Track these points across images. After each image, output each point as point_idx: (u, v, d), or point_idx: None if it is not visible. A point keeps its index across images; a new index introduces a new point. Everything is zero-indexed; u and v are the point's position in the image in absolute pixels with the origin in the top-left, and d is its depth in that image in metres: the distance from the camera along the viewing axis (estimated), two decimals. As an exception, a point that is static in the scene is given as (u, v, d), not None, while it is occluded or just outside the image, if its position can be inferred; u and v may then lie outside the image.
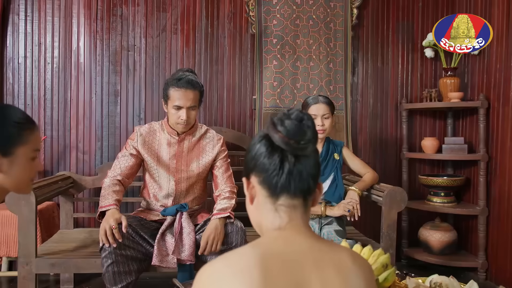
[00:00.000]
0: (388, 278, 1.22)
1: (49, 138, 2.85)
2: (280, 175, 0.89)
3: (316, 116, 2.37)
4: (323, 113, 2.37)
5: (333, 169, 2.45)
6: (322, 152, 2.46)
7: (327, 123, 2.39)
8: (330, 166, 2.46)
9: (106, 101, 2.93)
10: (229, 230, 2.08)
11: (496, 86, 2.86)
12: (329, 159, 2.46)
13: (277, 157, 0.89)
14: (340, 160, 2.50)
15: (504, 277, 2.77)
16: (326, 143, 2.50)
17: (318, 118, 2.37)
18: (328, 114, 2.38)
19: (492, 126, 2.89)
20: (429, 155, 3.06)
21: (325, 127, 2.39)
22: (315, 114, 2.37)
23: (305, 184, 0.90)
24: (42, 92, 2.86)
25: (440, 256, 2.96)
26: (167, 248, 2.03)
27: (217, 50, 3.03)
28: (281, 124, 0.89)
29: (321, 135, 2.40)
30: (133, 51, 2.95)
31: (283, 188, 0.89)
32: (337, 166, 2.47)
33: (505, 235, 2.76)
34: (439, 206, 2.98)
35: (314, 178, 0.91)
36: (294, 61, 3.05)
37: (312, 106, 2.39)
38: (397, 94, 3.26)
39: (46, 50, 2.86)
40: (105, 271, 1.91)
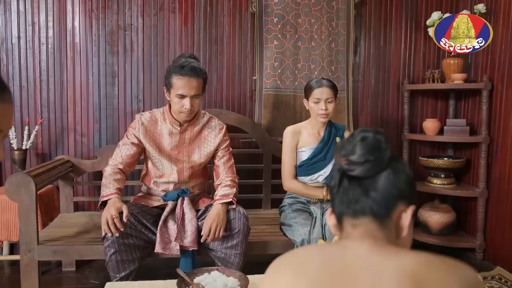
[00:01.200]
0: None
1: (46, 121, 2.80)
2: (335, 193, 0.89)
3: (319, 100, 2.33)
4: (327, 97, 2.33)
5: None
6: (325, 136, 2.44)
7: (330, 108, 2.35)
8: (332, 150, 2.43)
9: (104, 82, 2.86)
10: (231, 216, 2.08)
11: (500, 67, 2.82)
12: (331, 143, 2.44)
13: (337, 175, 0.89)
14: None
15: (501, 258, 2.81)
16: (329, 127, 2.47)
17: (322, 102, 2.33)
18: (331, 98, 2.34)
19: (495, 108, 2.86)
20: (430, 137, 3.04)
21: (328, 112, 2.35)
22: (318, 98, 2.33)
23: (367, 204, 0.85)
24: (37, 73, 2.79)
25: (439, 237, 2.99)
26: (170, 235, 2.02)
27: (216, 30, 2.95)
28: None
29: (323, 119, 2.37)
30: (130, 31, 2.87)
31: (337, 207, 0.89)
32: None
33: (504, 217, 2.78)
34: (439, 188, 2.99)
35: (388, 198, 0.85)
36: (295, 41, 2.98)
37: (315, 90, 2.34)
38: (399, 74, 3.21)
39: (40, 30, 2.77)
40: (108, 260, 1.91)
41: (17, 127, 2.74)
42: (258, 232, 2.36)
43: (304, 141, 2.43)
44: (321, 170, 2.41)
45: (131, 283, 1.69)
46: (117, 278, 1.93)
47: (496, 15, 2.86)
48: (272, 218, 2.65)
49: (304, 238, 2.11)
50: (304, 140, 2.43)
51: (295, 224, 2.21)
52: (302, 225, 2.17)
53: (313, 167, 2.40)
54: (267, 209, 2.86)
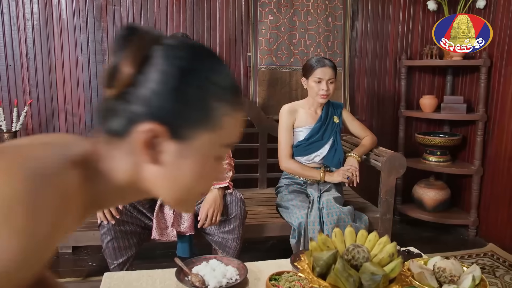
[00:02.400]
0: (395, 269, 1.22)
1: (35, 101, 2.72)
2: None
3: (321, 80, 2.28)
4: (329, 77, 2.28)
5: (332, 133, 2.40)
6: (321, 115, 2.40)
7: (331, 88, 2.31)
8: (330, 130, 2.40)
9: (93, 60, 2.77)
10: (228, 201, 2.06)
11: (500, 44, 2.76)
12: (329, 123, 2.41)
13: None
14: (339, 123, 2.44)
15: (493, 235, 2.85)
16: (326, 105, 2.42)
17: (323, 82, 2.28)
18: (333, 79, 2.30)
19: (493, 85, 2.83)
20: (427, 114, 3.01)
21: (329, 92, 2.31)
22: (320, 78, 2.28)
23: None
24: (24, 51, 2.68)
25: (433, 213, 3.02)
26: (166, 221, 2.01)
27: (209, 4, 2.83)
28: None
29: (323, 99, 2.33)
30: (119, 6, 2.74)
31: None
32: (336, 130, 2.42)
33: (498, 194, 2.80)
34: (434, 165, 2.99)
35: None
36: (291, 15, 2.88)
37: (317, 70, 2.28)
38: (396, 49, 3.14)
39: (24, 5, 2.64)
40: (105, 247, 1.90)
41: (6, 108, 2.66)
42: (254, 214, 2.36)
43: (301, 121, 2.40)
44: (318, 151, 2.38)
45: (129, 273, 1.68)
46: (114, 264, 1.92)
47: (497, -12, 2.78)
48: (268, 198, 2.65)
49: (301, 221, 2.11)
50: (301, 119, 2.40)
51: (292, 207, 2.21)
52: (299, 208, 2.17)
53: (310, 147, 2.37)
54: (263, 188, 2.85)
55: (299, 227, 2.12)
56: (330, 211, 2.12)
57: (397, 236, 2.64)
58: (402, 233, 3.05)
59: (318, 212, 2.13)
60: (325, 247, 1.38)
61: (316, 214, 2.12)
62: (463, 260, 2.62)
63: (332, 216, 2.10)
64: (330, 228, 2.08)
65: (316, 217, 2.11)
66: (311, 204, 2.17)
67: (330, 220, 2.10)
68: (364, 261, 1.28)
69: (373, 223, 2.34)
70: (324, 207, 2.13)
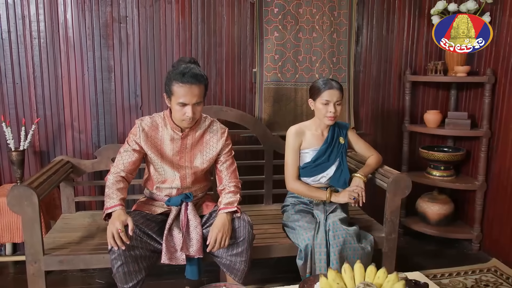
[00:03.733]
0: (404, 309, 1.25)
1: (42, 118, 2.74)
2: None
3: (328, 102, 2.29)
4: (336, 99, 2.29)
5: (338, 154, 2.42)
6: (328, 137, 2.41)
7: (339, 110, 2.32)
8: (336, 152, 2.42)
9: (100, 77, 2.78)
10: (236, 225, 2.09)
11: (505, 60, 2.78)
12: (335, 144, 2.42)
13: None
14: (345, 144, 2.46)
15: (496, 250, 2.88)
16: (332, 127, 2.44)
17: (331, 104, 2.29)
18: (340, 101, 2.31)
19: (497, 101, 2.85)
20: (431, 130, 3.03)
21: (337, 114, 2.32)
22: (328, 100, 2.28)
23: None
24: (30, 69, 2.70)
25: (436, 227, 3.05)
26: (175, 244, 2.03)
27: (215, 20, 2.84)
28: None
29: (331, 121, 2.34)
30: (125, 23, 2.76)
31: None
32: (342, 151, 2.43)
33: (501, 210, 2.83)
34: (438, 180, 3.02)
35: None
36: (296, 32, 2.89)
37: (325, 92, 2.29)
38: (401, 63, 3.16)
39: (31, 23, 2.65)
40: (115, 271, 1.92)
41: (13, 126, 2.68)
42: (261, 233, 2.38)
43: (308, 143, 2.41)
44: (324, 172, 2.40)
45: (141, 302, 1.71)
46: (124, 288, 1.95)
47: (502, 5, 2.79)
48: (274, 215, 2.67)
49: (308, 244, 2.14)
50: (308, 141, 2.41)
51: (299, 228, 2.23)
52: (306, 229, 2.19)
53: (316, 169, 2.40)
54: (268, 204, 2.87)
55: (306, 249, 2.14)
56: (336, 233, 2.14)
57: (401, 249, 2.67)
58: (406, 247, 3.08)
59: (325, 234, 2.15)
60: (335, 284, 1.41)
61: (323, 236, 2.14)
62: (466, 277, 2.66)
63: (339, 238, 2.13)
64: (337, 250, 2.10)
65: (323, 239, 2.13)
66: (318, 226, 2.20)
67: (337, 242, 2.12)
68: (374, 300, 1.30)
69: (378, 243, 2.36)
70: (330, 229, 2.16)
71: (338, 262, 2.09)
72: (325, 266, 2.11)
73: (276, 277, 2.58)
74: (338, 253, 2.11)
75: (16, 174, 2.59)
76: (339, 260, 2.10)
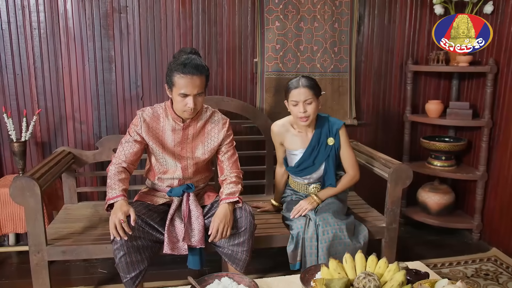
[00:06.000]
0: (405, 298, 1.26)
1: (43, 110, 2.74)
2: None
3: (297, 103, 2.16)
4: (305, 98, 2.15)
5: (325, 157, 2.28)
6: (312, 140, 2.28)
7: (310, 109, 2.16)
8: (322, 154, 2.29)
9: (100, 68, 2.77)
10: (238, 216, 2.10)
11: (507, 50, 2.76)
12: (321, 147, 2.28)
13: None
14: (335, 145, 2.28)
15: (496, 239, 2.89)
16: (318, 128, 2.28)
17: (300, 104, 2.15)
18: (311, 99, 2.15)
19: (499, 91, 2.84)
20: (432, 120, 3.03)
21: (308, 114, 2.16)
22: (296, 101, 2.16)
23: None
24: (31, 60, 2.69)
25: (437, 217, 3.06)
26: (177, 234, 2.04)
27: (216, 10, 2.83)
28: None
29: (304, 123, 2.20)
30: (125, 13, 2.74)
31: None
32: (330, 154, 2.28)
33: (502, 200, 2.83)
34: (439, 170, 3.02)
35: None
36: (298, 21, 2.88)
37: (292, 91, 2.17)
38: (403, 53, 3.14)
39: (31, 14, 2.64)
40: (118, 261, 1.94)
41: (14, 117, 2.68)
42: (262, 223, 2.39)
43: (293, 143, 2.33)
44: (310, 174, 2.35)
45: (144, 291, 1.73)
46: (127, 278, 1.96)
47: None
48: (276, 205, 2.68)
49: (299, 231, 2.15)
50: (292, 142, 2.33)
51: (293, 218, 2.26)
52: (298, 218, 2.22)
53: (302, 172, 2.35)
54: (269, 194, 2.88)
55: (297, 236, 2.15)
56: (326, 228, 2.11)
57: (401, 239, 2.68)
58: (406, 237, 3.09)
59: (315, 228, 2.14)
60: (336, 273, 1.42)
61: (313, 230, 2.13)
62: (466, 266, 2.67)
63: (328, 234, 2.11)
64: (325, 246, 2.10)
65: (313, 233, 2.13)
66: (308, 221, 2.19)
67: (325, 238, 2.10)
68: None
69: (379, 232, 2.37)
70: (320, 225, 2.13)
71: (326, 258, 2.06)
72: (316, 260, 2.12)
73: (277, 267, 2.60)
74: (327, 249, 2.10)
75: (18, 165, 2.59)
76: (327, 256, 2.07)
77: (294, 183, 2.45)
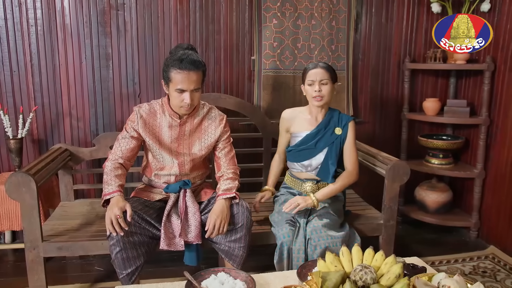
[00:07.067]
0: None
1: (40, 106, 2.73)
2: None
3: (313, 82, 2.20)
4: (321, 78, 2.19)
5: (328, 143, 2.26)
6: (321, 123, 2.29)
7: (324, 90, 2.19)
8: (326, 140, 2.26)
9: (97, 65, 2.77)
10: (234, 211, 2.09)
11: (504, 48, 2.77)
12: (327, 132, 2.27)
13: None
14: (341, 136, 2.27)
15: (494, 237, 2.89)
16: (328, 114, 2.31)
17: (316, 83, 2.20)
18: (326, 80, 2.19)
19: (497, 89, 2.84)
20: (430, 118, 3.03)
21: (322, 93, 2.19)
22: (312, 80, 2.20)
23: None
24: (28, 57, 2.68)
25: (435, 215, 3.05)
26: (174, 230, 2.04)
27: (213, 8, 2.83)
28: None
29: (318, 102, 2.21)
30: (122, 10, 2.74)
31: None
32: (335, 142, 2.26)
33: (500, 198, 2.83)
34: (437, 168, 3.02)
35: None
36: (295, 19, 2.88)
37: (310, 72, 2.22)
38: (400, 51, 3.14)
39: (28, 10, 2.63)
40: (114, 257, 1.93)
41: (11, 114, 2.67)
42: (259, 220, 2.38)
43: (300, 126, 2.32)
44: (309, 159, 2.28)
45: (140, 287, 1.72)
46: (123, 274, 1.95)
47: (502, -8, 2.77)
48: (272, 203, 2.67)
49: (283, 241, 2.06)
50: (299, 124, 2.32)
51: (279, 221, 2.16)
52: (283, 227, 2.11)
53: (300, 154, 2.30)
54: (267, 192, 2.87)
55: (281, 246, 2.06)
56: (318, 242, 2.03)
57: (399, 237, 2.68)
58: (404, 235, 3.09)
59: (304, 240, 2.06)
60: (332, 266, 1.41)
61: (302, 241, 2.05)
62: (464, 264, 2.67)
63: (320, 248, 2.02)
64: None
65: (302, 244, 2.05)
66: (297, 230, 2.11)
67: (317, 253, 2.02)
68: (371, 282, 1.31)
69: (376, 229, 2.37)
70: (311, 238, 2.05)
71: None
72: None
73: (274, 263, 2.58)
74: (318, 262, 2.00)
75: (14, 162, 2.58)
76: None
77: (290, 178, 2.41)
